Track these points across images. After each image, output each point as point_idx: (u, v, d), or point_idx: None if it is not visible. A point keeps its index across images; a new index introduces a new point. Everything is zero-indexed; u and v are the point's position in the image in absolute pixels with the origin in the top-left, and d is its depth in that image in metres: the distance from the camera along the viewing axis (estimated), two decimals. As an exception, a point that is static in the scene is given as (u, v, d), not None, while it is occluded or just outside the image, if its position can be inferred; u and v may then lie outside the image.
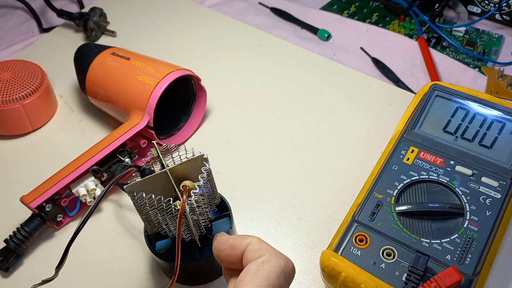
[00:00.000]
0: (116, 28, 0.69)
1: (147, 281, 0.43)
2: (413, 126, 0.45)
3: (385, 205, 0.40)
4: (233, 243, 0.32)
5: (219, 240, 0.34)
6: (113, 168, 0.48)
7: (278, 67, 0.62)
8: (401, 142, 0.44)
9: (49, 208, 0.44)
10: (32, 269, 0.45)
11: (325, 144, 0.52)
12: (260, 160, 0.52)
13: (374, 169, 0.43)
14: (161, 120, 0.52)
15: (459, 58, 0.62)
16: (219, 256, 0.33)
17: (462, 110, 0.45)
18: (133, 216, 0.48)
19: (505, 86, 0.57)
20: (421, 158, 0.42)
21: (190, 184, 0.36)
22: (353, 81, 0.59)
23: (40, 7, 0.76)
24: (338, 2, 0.73)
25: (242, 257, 0.32)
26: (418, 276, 0.35)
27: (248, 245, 0.32)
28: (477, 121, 0.44)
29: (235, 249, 0.32)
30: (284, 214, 0.47)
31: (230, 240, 0.33)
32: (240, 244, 0.32)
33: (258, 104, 0.58)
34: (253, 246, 0.31)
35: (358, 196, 0.42)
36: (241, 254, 0.32)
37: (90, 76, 0.54)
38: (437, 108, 0.46)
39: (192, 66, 0.54)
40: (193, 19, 0.70)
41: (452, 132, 0.44)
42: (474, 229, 0.37)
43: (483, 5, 0.65)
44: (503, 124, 0.44)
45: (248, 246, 0.32)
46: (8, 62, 0.57)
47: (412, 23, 0.68)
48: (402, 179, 0.41)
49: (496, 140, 0.43)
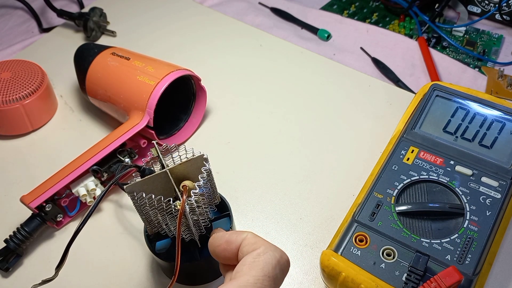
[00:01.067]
0: (116, 28, 0.69)
1: (147, 281, 0.43)
2: (413, 126, 0.45)
3: (385, 205, 0.40)
4: (228, 238, 0.33)
5: (215, 236, 0.34)
6: (113, 168, 0.48)
7: (278, 67, 0.62)
8: (401, 142, 0.44)
9: (49, 208, 0.44)
10: (32, 269, 0.45)
11: (325, 144, 0.52)
12: (260, 160, 0.52)
13: (374, 169, 0.43)
14: (161, 120, 0.52)
15: (459, 58, 0.62)
16: (215, 252, 0.34)
17: (462, 110, 0.45)
18: (133, 216, 0.48)
19: (505, 86, 0.57)
20: (421, 158, 0.42)
21: (190, 184, 0.36)
22: (353, 81, 0.59)
23: (40, 7, 0.76)
24: (338, 2, 0.73)
25: (238, 252, 0.32)
26: (418, 276, 0.35)
27: (244, 239, 0.32)
28: (477, 121, 0.44)
29: (231, 244, 0.33)
30: (284, 214, 0.47)
31: (226, 236, 0.33)
32: (235, 239, 0.32)
33: (258, 104, 0.58)
34: (249, 240, 0.32)
35: (358, 196, 0.42)
36: (237, 249, 0.32)
37: (90, 76, 0.54)
38: (437, 108, 0.46)
39: (192, 66, 0.54)
40: (193, 19, 0.70)
41: (452, 132, 0.44)
42: (474, 229, 0.37)
43: (483, 5, 0.65)
44: (503, 124, 0.44)
45: (244, 241, 0.32)
46: (8, 62, 0.57)
47: (412, 23, 0.68)
48: (402, 179, 0.41)
49: (496, 140, 0.43)
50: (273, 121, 0.55)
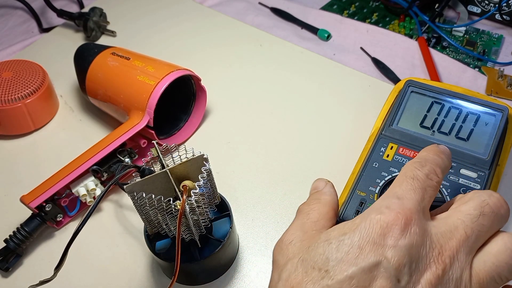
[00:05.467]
0: (116, 28, 0.69)
1: (147, 281, 0.43)
2: (391, 123, 0.45)
3: (369, 202, 0.40)
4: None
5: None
6: (113, 168, 0.48)
7: (278, 67, 0.62)
8: (380, 139, 0.44)
9: (49, 208, 0.44)
10: (32, 269, 0.45)
11: (325, 144, 0.52)
12: (260, 160, 0.52)
13: (355, 167, 0.44)
14: (161, 120, 0.52)
15: (459, 58, 0.62)
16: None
17: (437, 105, 0.46)
18: (133, 216, 0.48)
19: (505, 86, 0.57)
20: (401, 154, 0.43)
21: (190, 184, 0.36)
22: (353, 81, 0.59)
23: (40, 7, 0.76)
24: (338, 2, 0.73)
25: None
26: None
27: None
28: (453, 115, 0.45)
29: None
30: (284, 214, 0.47)
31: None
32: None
33: (258, 104, 0.58)
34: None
35: (341, 195, 0.42)
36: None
37: (90, 76, 0.54)
38: (413, 104, 0.46)
39: (192, 66, 0.54)
40: (193, 19, 0.70)
41: (428, 126, 0.45)
42: None
43: (483, 5, 0.65)
44: (478, 116, 0.44)
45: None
46: (9, 62, 0.57)
47: (412, 23, 0.68)
48: (383, 176, 0.41)
49: (472, 132, 0.43)
50: (273, 121, 0.55)
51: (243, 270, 0.43)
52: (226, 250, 0.41)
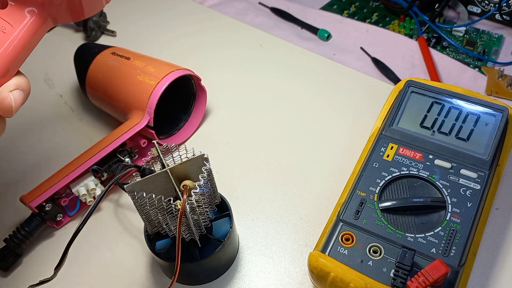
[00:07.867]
0: (116, 28, 0.69)
1: (147, 281, 0.43)
2: (391, 123, 0.45)
3: (369, 202, 0.40)
4: None
5: None
6: (113, 167, 0.48)
7: (278, 67, 0.62)
8: (380, 139, 0.44)
9: (49, 208, 0.44)
10: (31, 269, 0.45)
11: (325, 144, 0.52)
12: (260, 160, 0.52)
13: (355, 167, 0.44)
14: (161, 120, 0.52)
15: (459, 58, 0.62)
16: None
17: (438, 105, 0.46)
18: (133, 216, 0.48)
19: (505, 86, 0.57)
20: (401, 154, 0.43)
21: (190, 183, 0.36)
22: (353, 81, 0.59)
23: (40, 7, 0.75)
24: (338, 2, 0.73)
25: None
26: (405, 271, 0.35)
27: None
28: (453, 115, 0.45)
29: None
30: (284, 214, 0.47)
31: None
32: None
33: (258, 104, 0.58)
34: None
35: (341, 195, 0.42)
36: None
37: (90, 76, 0.54)
38: (413, 104, 0.46)
39: (192, 66, 0.54)
40: (193, 19, 0.70)
41: (429, 127, 0.45)
42: (457, 221, 0.38)
43: (483, 5, 0.65)
44: (478, 116, 0.44)
45: None
46: None
47: (412, 23, 0.68)
48: (383, 176, 0.41)
49: (472, 132, 0.43)
50: (273, 121, 0.55)
51: (243, 270, 0.43)
52: (226, 250, 0.41)
